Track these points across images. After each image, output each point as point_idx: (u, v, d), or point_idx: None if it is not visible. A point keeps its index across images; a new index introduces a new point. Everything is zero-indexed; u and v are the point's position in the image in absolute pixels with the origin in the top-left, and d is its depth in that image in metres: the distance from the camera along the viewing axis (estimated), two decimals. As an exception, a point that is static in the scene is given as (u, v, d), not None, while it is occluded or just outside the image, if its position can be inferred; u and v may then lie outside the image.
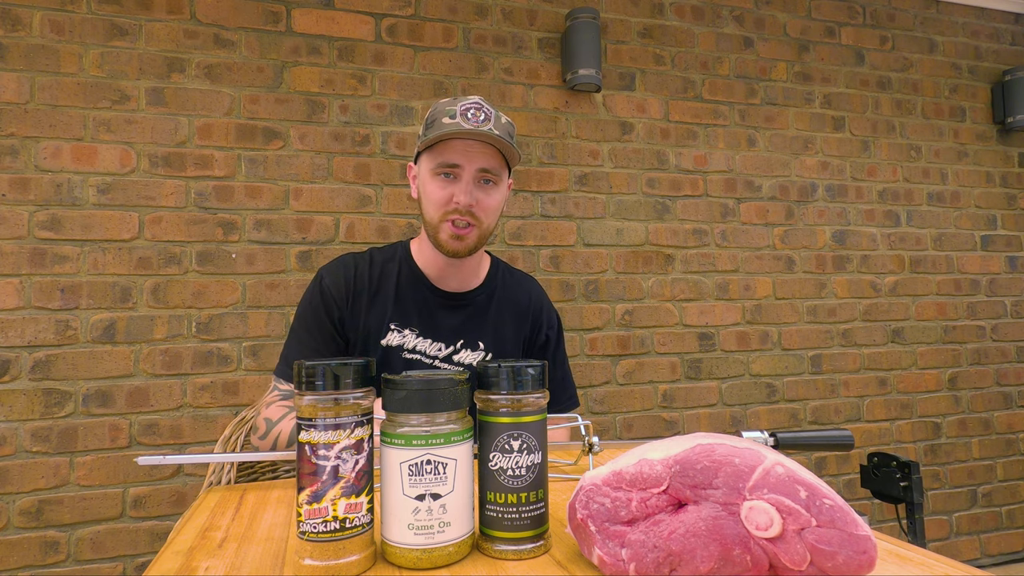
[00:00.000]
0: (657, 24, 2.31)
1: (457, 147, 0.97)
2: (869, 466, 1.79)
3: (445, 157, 0.98)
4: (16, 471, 1.63)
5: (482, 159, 0.98)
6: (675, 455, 0.48)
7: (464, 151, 0.97)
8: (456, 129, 0.94)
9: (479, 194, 0.99)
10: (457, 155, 0.97)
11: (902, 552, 0.54)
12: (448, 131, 0.94)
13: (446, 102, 0.99)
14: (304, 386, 0.50)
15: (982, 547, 2.52)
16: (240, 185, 1.85)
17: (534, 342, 1.17)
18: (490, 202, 1.01)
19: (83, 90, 1.74)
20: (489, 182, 1.00)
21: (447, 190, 0.99)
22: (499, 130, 0.97)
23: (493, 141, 0.96)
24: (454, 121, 0.95)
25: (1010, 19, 2.78)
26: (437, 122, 0.97)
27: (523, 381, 0.53)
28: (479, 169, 0.98)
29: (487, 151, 0.98)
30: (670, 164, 2.29)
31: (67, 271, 1.70)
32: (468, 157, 0.97)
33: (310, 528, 0.49)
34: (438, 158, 0.99)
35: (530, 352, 1.17)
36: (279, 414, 0.95)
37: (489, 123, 0.96)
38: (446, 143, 0.98)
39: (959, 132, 2.67)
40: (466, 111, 0.96)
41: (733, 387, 2.30)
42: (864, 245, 2.51)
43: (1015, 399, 2.64)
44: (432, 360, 1.06)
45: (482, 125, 0.95)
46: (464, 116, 0.95)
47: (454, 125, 0.94)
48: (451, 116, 0.96)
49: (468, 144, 0.97)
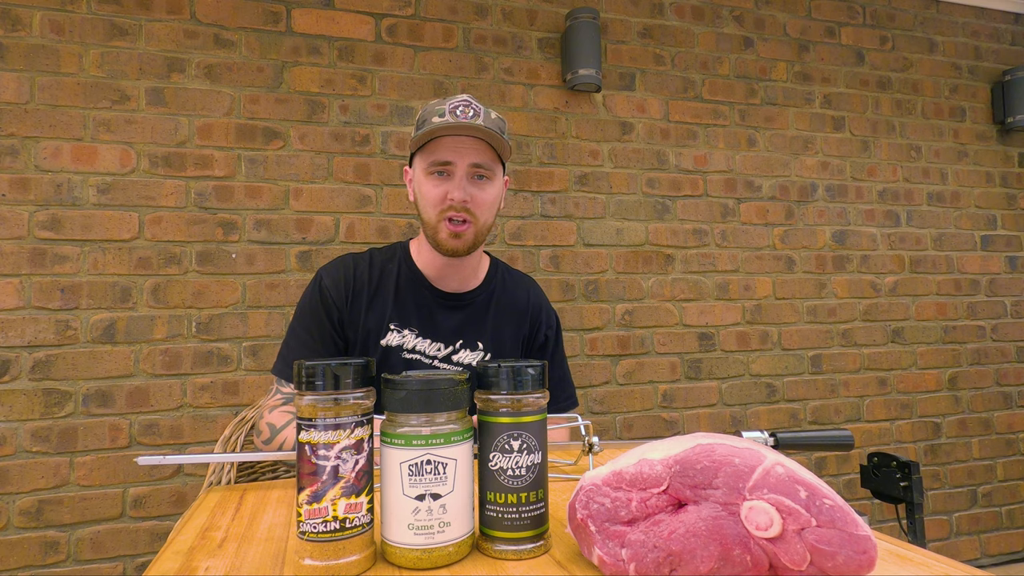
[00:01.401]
0: (657, 24, 2.31)
1: (448, 144, 0.98)
2: (869, 466, 1.79)
3: (437, 155, 0.98)
4: (16, 471, 1.63)
5: (473, 154, 0.98)
6: (675, 455, 0.48)
7: (455, 148, 0.98)
8: (444, 124, 0.94)
9: (473, 190, 0.99)
10: (448, 152, 0.98)
11: (902, 552, 0.54)
12: (436, 127, 0.95)
13: (435, 102, 1.00)
14: (304, 386, 0.50)
15: (982, 547, 2.52)
16: (240, 185, 1.85)
17: (533, 342, 1.17)
18: (485, 197, 1.01)
19: (83, 90, 1.74)
20: (483, 177, 1.01)
21: (441, 188, 0.99)
22: (489, 125, 0.97)
23: (482, 134, 0.96)
24: (443, 119, 0.96)
25: (1010, 19, 2.78)
26: (427, 122, 0.98)
27: (523, 381, 0.53)
28: (471, 164, 0.98)
29: (478, 146, 0.99)
30: (670, 164, 2.29)
31: (67, 271, 1.70)
32: (459, 153, 0.98)
33: (310, 528, 0.49)
34: (430, 157, 0.99)
35: (529, 352, 1.17)
36: (283, 420, 0.95)
37: (478, 118, 0.96)
38: (437, 141, 0.98)
39: (959, 132, 2.67)
40: (454, 108, 0.97)
41: (733, 387, 2.30)
42: (864, 245, 2.51)
43: (1015, 399, 2.64)
44: (431, 360, 1.06)
45: (471, 120, 0.95)
46: (453, 113, 0.96)
47: (443, 123, 0.95)
48: (440, 115, 0.97)
49: (458, 140, 0.98)
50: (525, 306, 1.16)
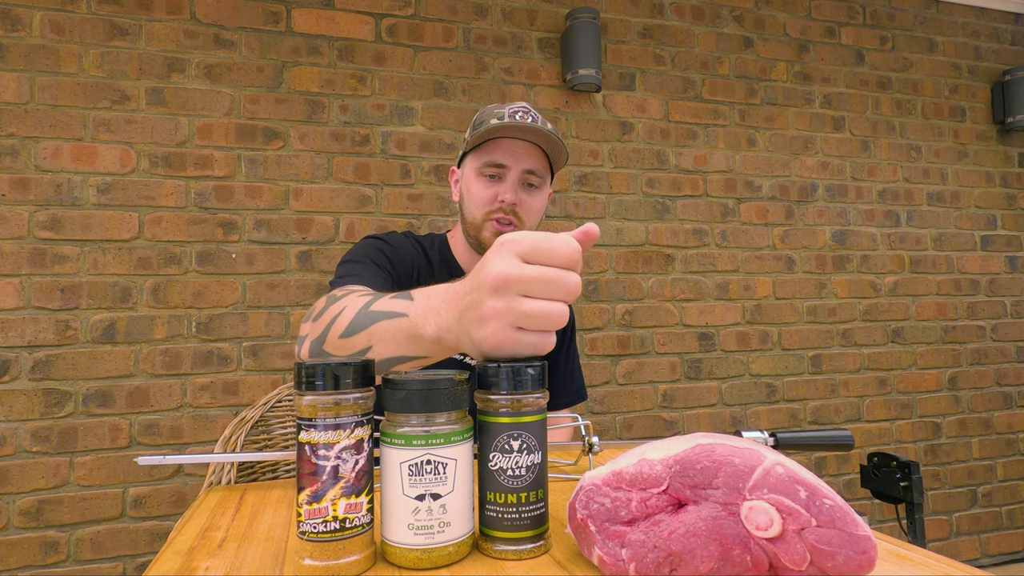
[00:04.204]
0: (657, 24, 2.31)
1: (504, 147, 0.99)
2: (869, 466, 1.79)
3: (492, 157, 0.99)
4: (16, 471, 1.63)
5: (528, 160, 0.99)
6: (675, 455, 0.48)
7: (511, 151, 0.99)
8: (503, 125, 0.95)
9: (523, 195, 1.00)
10: (504, 155, 0.99)
11: (902, 552, 0.54)
12: (495, 127, 0.96)
13: (494, 106, 1.01)
14: (304, 386, 0.50)
15: (982, 547, 2.52)
16: (240, 185, 1.85)
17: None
18: (533, 204, 1.02)
19: (83, 90, 1.74)
20: (533, 185, 1.02)
21: (491, 189, 1.00)
22: (547, 132, 0.98)
23: (540, 139, 0.98)
24: (503, 122, 0.96)
25: (1010, 19, 2.78)
26: (484, 123, 0.99)
27: (523, 381, 0.53)
28: (524, 170, 0.99)
29: (533, 152, 1.00)
30: (670, 164, 2.29)
31: (67, 271, 1.70)
32: (515, 157, 0.99)
33: (310, 528, 0.49)
34: (485, 157, 1.00)
35: None
36: (345, 293, 0.72)
37: (537, 124, 0.98)
38: (494, 143, 0.99)
39: (959, 132, 2.67)
40: (515, 113, 0.98)
41: (733, 387, 2.30)
42: (864, 245, 2.51)
43: (1015, 399, 2.64)
44: (463, 356, 1.05)
45: (531, 125, 0.96)
46: (512, 117, 0.97)
47: (502, 124, 0.96)
48: (499, 117, 0.97)
49: (515, 144, 0.99)
50: None
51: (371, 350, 0.60)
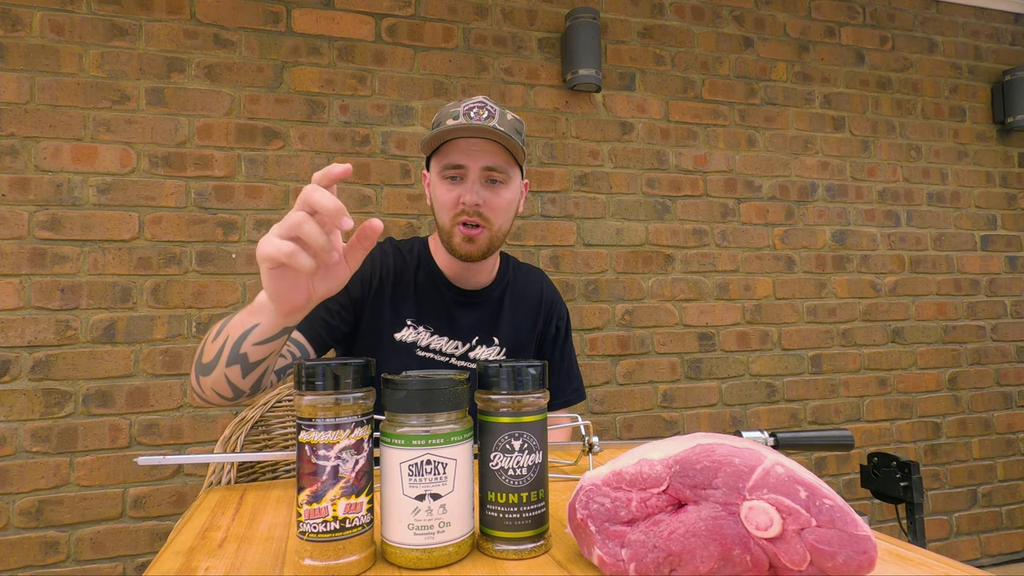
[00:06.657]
0: (657, 24, 2.31)
1: (461, 147, 0.96)
2: (869, 466, 1.79)
3: (449, 158, 0.97)
4: (16, 471, 1.63)
5: (486, 157, 0.96)
6: (675, 455, 0.48)
7: (467, 150, 0.96)
8: (455, 127, 0.93)
9: (486, 193, 0.97)
10: (461, 155, 0.96)
11: (902, 552, 0.54)
12: (447, 129, 0.93)
13: (451, 104, 0.98)
14: (304, 386, 0.50)
15: (982, 547, 2.52)
16: (240, 185, 1.85)
17: (546, 334, 1.17)
18: (498, 201, 0.98)
19: (83, 90, 1.74)
20: (496, 181, 0.98)
21: (454, 192, 0.97)
22: (504, 127, 0.95)
23: (496, 137, 0.94)
24: (456, 122, 0.94)
25: (1010, 19, 2.78)
26: (441, 124, 0.96)
27: (523, 381, 0.53)
28: (484, 168, 0.96)
29: (491, 148, 0.96)
30: (670, 164, 2.29)
31: (67, 271, 1.70)
32: (472, 156, 0.96)
33: (310, 528, 0.49)
34: (443, 160, 0.98)
35: (543, 344, 1.18)
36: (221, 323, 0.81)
37: (493, 120, 0.94)
38: (450, 144, 0.97)
39: (959, 132, 2.67)
40: (469, 110, 0.95)
41: (733, 387, 2.30)
42: (864, 245, 2.51)
43: (1015, 399, 2.64)
44: (448, 358, 1.05)
45: (485, 122, 0.93)
46: (467, 115, 0.94)
47: (455, 125, 0.93)
48: (455, 117, 0.95)
49: (471, 143, 0.96)
50: (539, 299, 1.16)
51: (228, 337, 0.73)
